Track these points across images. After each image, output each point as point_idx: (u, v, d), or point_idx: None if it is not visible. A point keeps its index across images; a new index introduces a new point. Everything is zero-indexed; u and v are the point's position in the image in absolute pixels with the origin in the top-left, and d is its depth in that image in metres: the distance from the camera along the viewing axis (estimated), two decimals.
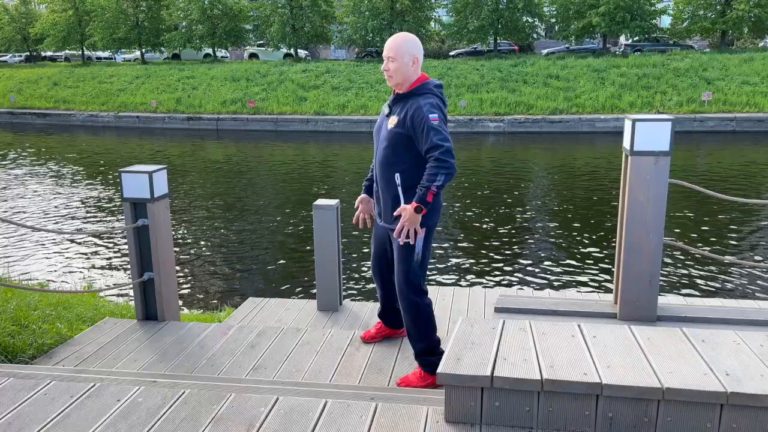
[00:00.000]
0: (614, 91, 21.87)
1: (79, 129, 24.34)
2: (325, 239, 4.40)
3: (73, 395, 2.57)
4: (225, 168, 15.48)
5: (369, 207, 3.44)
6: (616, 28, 27.15)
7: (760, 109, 19.91)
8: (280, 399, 2.48)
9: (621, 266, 3.85)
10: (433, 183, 2.82)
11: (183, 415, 2.41)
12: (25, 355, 3.55)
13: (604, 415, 2.16)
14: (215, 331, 3.85)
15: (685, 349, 2.37)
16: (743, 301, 4.67)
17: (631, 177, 3.67)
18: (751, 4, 25.76)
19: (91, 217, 10.67)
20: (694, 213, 9.84)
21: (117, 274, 7.81)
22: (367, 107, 22.52)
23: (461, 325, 2.59)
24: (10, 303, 4.09)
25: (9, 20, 38.42)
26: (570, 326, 2.59)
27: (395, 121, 3.02)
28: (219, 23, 32.38)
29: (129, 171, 3.86)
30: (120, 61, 40.23)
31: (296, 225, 9.85)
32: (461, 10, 29.55)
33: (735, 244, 8.38)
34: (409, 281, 3.09)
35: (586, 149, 17.55)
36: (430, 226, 3.06)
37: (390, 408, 2.40)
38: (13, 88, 29.09)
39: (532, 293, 4.92)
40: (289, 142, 20.10)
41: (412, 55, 3.00)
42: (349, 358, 3.47)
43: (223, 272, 7.87)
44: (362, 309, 4.58)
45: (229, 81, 26.31)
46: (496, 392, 2.21)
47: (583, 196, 11.43)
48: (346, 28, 31.83)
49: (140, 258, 3.98)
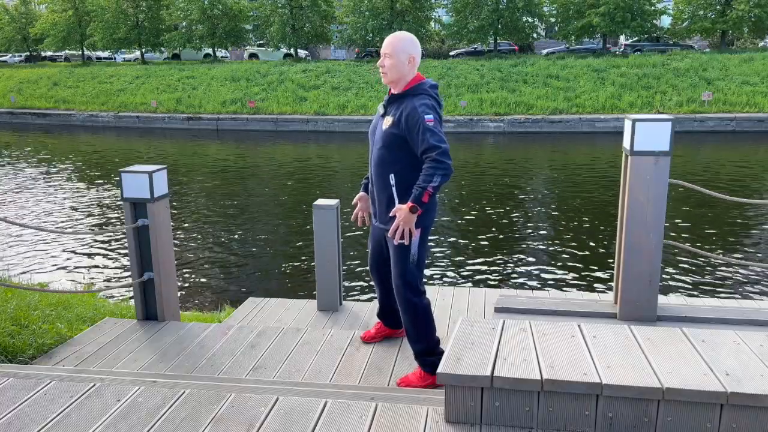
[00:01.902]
0: (614, 91, 21.88)
1: (79, 129, 24.34)
2: (325, 239, 4.40)
3: (73, 395, 2.57)
4: (225, 168, 15.48)
5: (367, 205, 3.44)
6: (616, 28, 27.14)
7: (760, 109, 19.91)
8: (280, 399, 2.48)
9: (621, 266, 3.85)
10: (429, 184, 2.82)
11: (183, 415, 2.41)
12: (25, 355, 3.55)
13: (604, 415, 2.16)
14: (215, 331, 3.85)
15: (685, 349, 2.37)
16: (743, 301, 4.67)
17: (631, 177, 3.67)
18: (751, 4, 25.75)
19: (91, 217, 10.67)
20: (694, 213, 9.84)
21: (117, 274, 7.81)
22: (367, 107, 22.52)
23: (461, 325, 2.58)
24: (10, 303, 4.09)
25: (9, 20, 38.42)
26: (570, 326, 2.59)
27: (390, 122, 3.02)
28: (219, 23, 32.38)
29: (129, 171, 3.86)
30: (120, 61, 40.23)
31: (296, 225, 9.85)
32: (461, 10, 29.54)
33: (735, 244, 8.38)
34: (406, 282, 3.09)
35: (586, 149, 17.55)
36: (425, 226, 3.06)
37: (390, 408, 2.40)
38: (13, 88, 29.09)
39: (532, 293, 4.92)
40: (289, 142, 20.10)
41: (409, 54, 2.99)
42: (349, 358, 3.47)
43: (223, 272, 7.87)
44: (362, 309, 4.58)
45: (229, 81, 26.31)
46: (496, 392, 2.21)
47: (583, 196, 11.43)
48: (346, 28, 31.82)
49: (140, 258, 3.98)
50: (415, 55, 3.01)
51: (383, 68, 3.03)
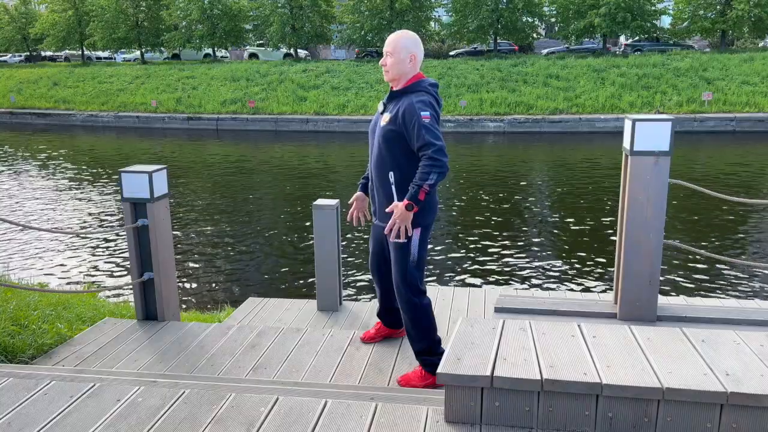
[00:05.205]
0: (614, 91, 21.87)
1: (79, 129, 24.34)
2: (324, 239, 4.40)
3: (73, 395, 2.57)
4: (225, 168, 15.48)
5: (363, 205, 3.46)
6: (616, 29, 27.13)
7: (760, 109, 19.90)
8: (280, 399, 2.48)
9: (621, 266, 3.85)
10: (425, 181, 2.82)
11: (183, 415, 2.41)
12: (25, 355, 3.55)
13: (604, 415, 2.16)
14: (215, 331, 3.85)
15: (685, 349, 2.37)
16: (743, 301, 4.67)
17: (631, 177, 3.67)
18: (751, 4, 25.74)
19: (91, 216, 10.67)
20: (694, 213, 9.84)
21: (117, 274, 7.81)
22: (367, 107, 22.51)
23: (461, 325, 2.58)
24: (10, 303, 4.09)
25: (9, 20, 38.42)
26: (570, 326, 2.59)
27: (388, 119, 3.02)
28: (219, 23, 32.36)
29: (129, 171, 3.86)
30: (120, 61, 40.21)
31: (296, 225, 9.85)
32: (461, 9, 29.53)
33: (735, 244, 8.38)
34: (406, 281, 3.09)
35: (586, 149, 17.55)
36: (425, 225, 3.06)
37: (390, 408, 2.40)
38: (13, 88, 29.09)
39: (532, 293, 4.92)
40: (289, 142, 20.10)
41: (410, 52, 3.00)
42: (349, 358, 3.47)
43: (223, 272, 7.87)
44: (362, 309, 4.58)
45: (229, 81, 26.31)
46: (496, 392, 2.21)
47: (583, 196, 11.43)
48: (345, 27, 31.82)
49: (140, 258, 3.98)
50: (416, 53, 3.02)
51: (385, 66, 3.04)
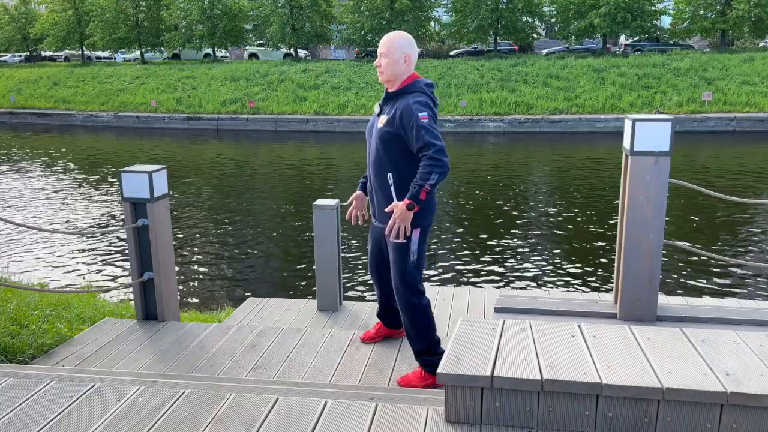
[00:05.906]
0: (614, 91, 21.87)
1: (78, 129, 24.34)
2: (325, 239, 4.40)
3: (73, 395, 2.57)
4: (225, 168, 15.48)
5: (362, 204, 3.46)
6: (616, 29, 27.13)
7: (760, 109, 19.91)
8: (280, 399, 2.48)
9: (621, 266, 3.85)
10: (426, 181, 2.82)
11: (183, 415, 2.41)
12: (25, 355, 3.55)
13: (604, 415, 2.16)
14: (215, 331, 3.85)
15: (685, 349, 2.37)
16: (743, 301, 4.67)
17: (631, 177, 3.67)
18: (751, 4, 25.74)
19: (91, 216, 10.67)
20: (694, 213, 9.84)
21: (117, 274, 7.81)
22: (367, 107, 22.51)
23: (461, 325, 2.58)
24: (10, 303, 4.09)
25: (9, 20, 38.42)
26: (570, 326, 2.59)
27: (385, 120, 3.02)
28: (219, 23, 32.37)
29: (129, 171, 3.85)
30: (120, 61, 40.22)
31: (296, 225, 9.85)
32: (461, 9, 29.53)
33: (735, 244, 8.38)
34: (405, 282, 3.09)
35: (586, 149, 17.55)
36: (424, 226, 3.06)
37: (390, 408, 2.40)
38: (13, 88, 29.09)
39: (532, 293, 4.92)
40: (289, 142, 20.10)
41: (404, 53, 3.00)
42: (349, 358, 3.47)
43: (222, 272, 7.87)
44: (362, 309, 4.58)
45: (229, 81, 26.31)
46: (496, 392, 2.20)
47: (583, 196, 11.43)
48: (345, 27, 31.81)
49: (140, 258, 3.98)
50: (410, 54, 3.02)
51: (380, 67, 3.04)
